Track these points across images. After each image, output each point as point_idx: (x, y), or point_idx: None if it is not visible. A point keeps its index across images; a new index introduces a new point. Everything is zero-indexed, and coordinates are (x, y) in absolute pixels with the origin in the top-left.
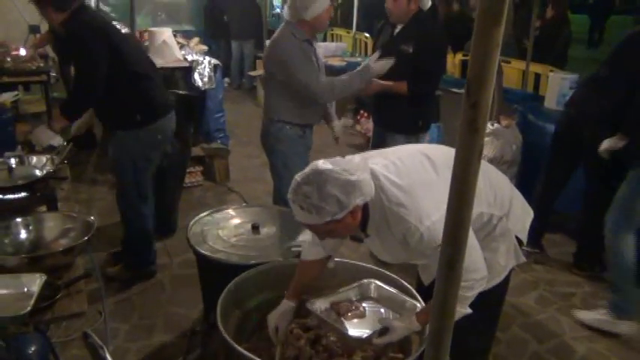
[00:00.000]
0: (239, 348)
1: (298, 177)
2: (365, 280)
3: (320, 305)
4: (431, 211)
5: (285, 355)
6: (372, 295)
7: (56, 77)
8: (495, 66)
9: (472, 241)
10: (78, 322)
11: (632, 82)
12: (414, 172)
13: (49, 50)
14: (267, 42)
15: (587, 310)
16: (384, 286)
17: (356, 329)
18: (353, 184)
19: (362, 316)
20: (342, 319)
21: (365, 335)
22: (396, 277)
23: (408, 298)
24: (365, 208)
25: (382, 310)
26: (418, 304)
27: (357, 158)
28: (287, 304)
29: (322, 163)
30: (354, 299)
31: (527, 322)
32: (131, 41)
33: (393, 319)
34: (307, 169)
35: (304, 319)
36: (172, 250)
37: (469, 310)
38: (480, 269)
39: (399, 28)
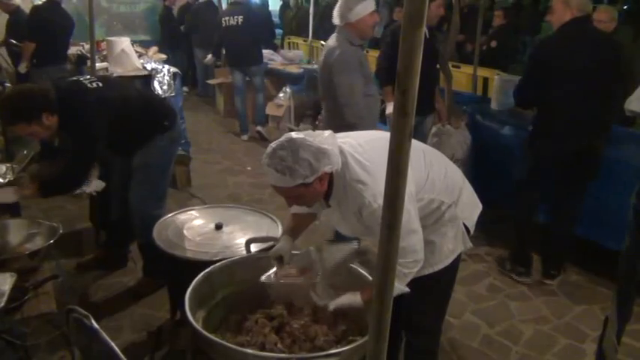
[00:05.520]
0: (208, 334)
1: (273, 144)
2: (308, 248)
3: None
4: None
5: (252, 342)
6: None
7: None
8: (419, 59)
9: (416, 226)
10: (45, 327)
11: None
12: (377, 155)
13: (1, 61)
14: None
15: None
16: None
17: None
18: (323, 152)
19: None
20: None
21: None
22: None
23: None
24: (330, 181)
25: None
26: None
27: (326, 133)
28: (286, 239)
29: (295, 134)
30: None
31: (479, 309)
32: (107, 79)
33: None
34: (282, 138)
35: (269, 309)
36: (137, 254)
37: (406, 289)
38: (418, 252)
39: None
